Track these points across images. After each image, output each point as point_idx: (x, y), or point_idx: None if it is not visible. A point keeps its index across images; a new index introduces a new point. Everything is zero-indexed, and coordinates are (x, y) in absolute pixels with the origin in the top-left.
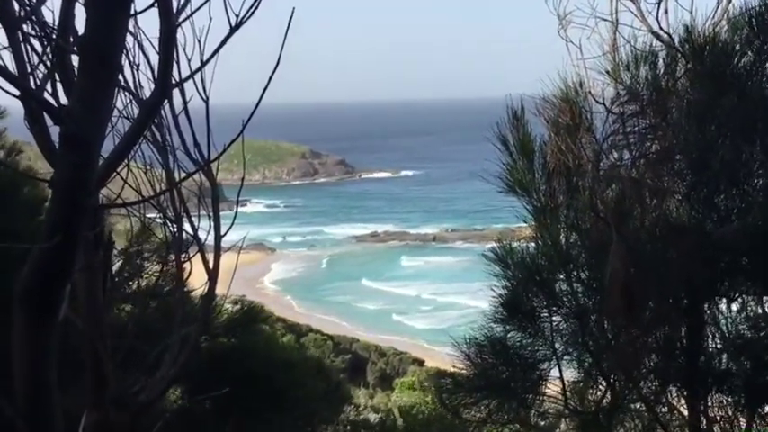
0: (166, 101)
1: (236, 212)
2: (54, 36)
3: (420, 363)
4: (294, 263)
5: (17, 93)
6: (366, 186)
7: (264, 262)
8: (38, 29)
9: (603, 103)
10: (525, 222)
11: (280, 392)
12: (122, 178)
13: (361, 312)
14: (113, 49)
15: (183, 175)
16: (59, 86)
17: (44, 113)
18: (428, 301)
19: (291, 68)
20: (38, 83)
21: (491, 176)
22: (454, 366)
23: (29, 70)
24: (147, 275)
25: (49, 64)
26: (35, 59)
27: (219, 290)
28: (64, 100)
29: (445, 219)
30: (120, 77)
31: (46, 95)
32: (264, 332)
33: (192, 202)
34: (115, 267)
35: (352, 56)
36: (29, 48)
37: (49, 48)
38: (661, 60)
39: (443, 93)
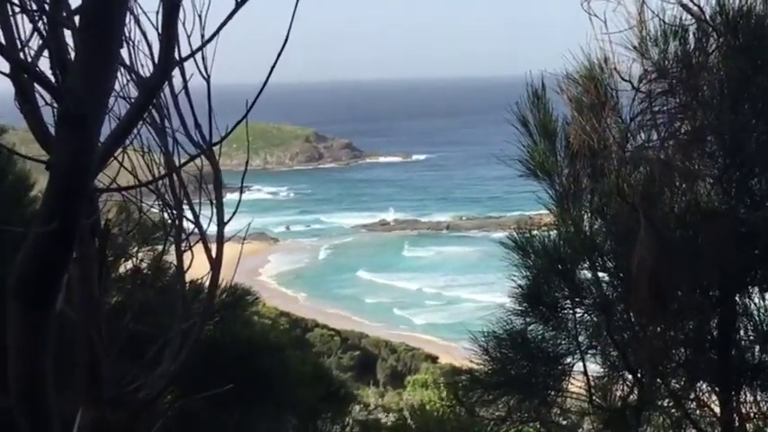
0: (166, 81)
1: (240, 199)
2: (46, 8)
3: (433, 359)
4: (298, 254)
5: (5, 71)
6: (375, 171)
7: (266, 253)
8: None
9: (630, 81)
10: (546, 208)
11: (269, 377)
12: (119, 162)
13: (368, 308)
14: (116, 22)
15: (183, 158)
16: (52, 67)
17: (35, 93)
18: (439, 295)
19: (298, 45)
20: (29, 59)
21: (510, 160)
22: (471, 361)
23: (20, 45)
24: (134, 258)
25: (40, 40)
26: (25, 36)
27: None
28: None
29: (459, 206)
30: None
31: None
32: (248, 318)
33: (190, 189)
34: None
35: (366, 32)
36: (20, 22)
37: (41, 21)
38: (691, 35)
39: (460, 70)
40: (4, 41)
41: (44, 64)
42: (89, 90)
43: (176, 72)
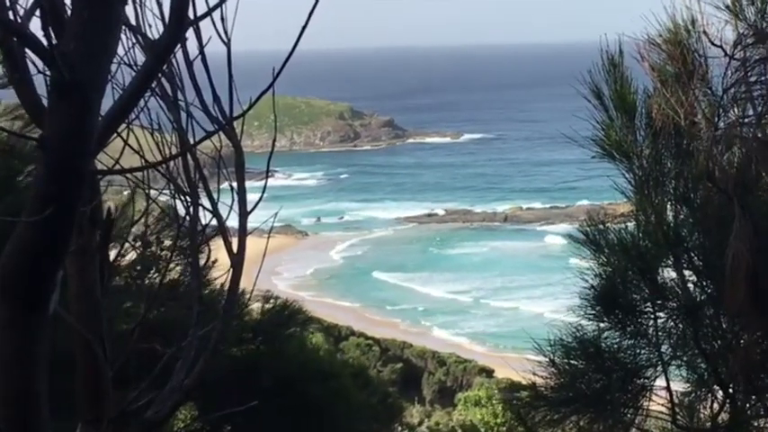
0: (179, 44)
1: (266, 184)
2: None
3: (489, 373)
4: (329, 250)
5: None
6: (420, 154)
7: (293, 249)
8: None
9: (722, 46)
10: (624, 195)
11: (318, 409)
12: (123, 140)
13: (414, 315)
14: None
15: (200, 137)
16: (44, 27)
17: (26, 58)
18: (488, 301)
19: (331, 7)
20: (19, 19)
21: (582, 139)
22: (534, 374)
23: (8, 3)
24: (167, 269)
25: None
26: None
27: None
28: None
29: (519, 194)
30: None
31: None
32: (299, 337)
33: (206, 173)
34: (129, 258)
35: None
36: None
37: None
38: None
39: (520, 36)
40: None
41: (36, 24)
42: (87, 54)
43: (192, 36)
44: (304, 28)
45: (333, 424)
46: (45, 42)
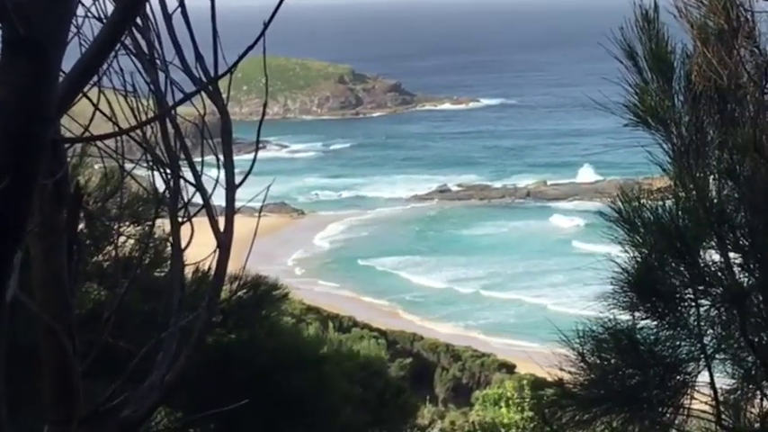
0: None
1: (256, 156)
2: None
3: (509, 368)
4: (328, 231)
5: None
6: (431, 122)
7: (288, 230)
8: None
9: None
10: (661, 168)
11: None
12: (93, 104)
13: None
14: None
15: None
16: None
17: None
18: (508, 287)
19: None
20: None
21: (613, 104)
22: (562, 369)
23: None
24: (118, 242)
25: None
26: None
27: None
28: None
29: (543, 168)
30: None
31: None
32: (278, 320)
33: (189, 144)
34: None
35: None
36: None
37: None
38: None
39: None
40: None
41: None
42: (45, 6)
43: None
44: None
45: (320, 418)
46: None
